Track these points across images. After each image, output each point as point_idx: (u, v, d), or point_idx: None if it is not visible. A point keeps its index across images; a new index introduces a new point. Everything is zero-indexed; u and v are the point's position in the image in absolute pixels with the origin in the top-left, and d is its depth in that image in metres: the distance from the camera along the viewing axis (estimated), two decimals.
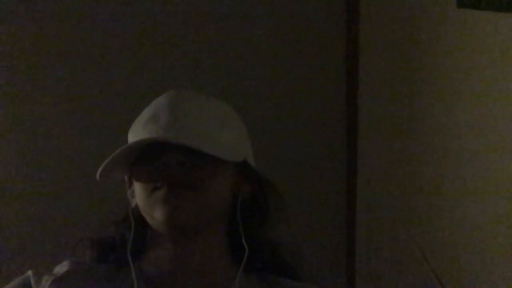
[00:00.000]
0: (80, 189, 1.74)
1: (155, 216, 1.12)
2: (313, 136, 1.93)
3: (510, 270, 1.35)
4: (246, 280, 1.18)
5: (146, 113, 1.19)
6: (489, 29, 1.42)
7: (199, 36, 1.87)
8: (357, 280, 1.91)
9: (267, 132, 1.88)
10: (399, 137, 1.78)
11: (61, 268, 1.19)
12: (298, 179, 1.90)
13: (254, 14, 1.91)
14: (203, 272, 1.15)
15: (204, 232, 1.15)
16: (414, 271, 1.67)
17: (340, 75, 1.95)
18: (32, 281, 1.16)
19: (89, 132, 1.78)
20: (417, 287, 1.67)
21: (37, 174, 1.76)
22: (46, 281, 1.15)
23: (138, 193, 1.16)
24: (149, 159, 1.13)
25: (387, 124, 1.83)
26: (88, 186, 1.72)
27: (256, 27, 1.91)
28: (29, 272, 1.18)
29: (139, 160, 1.15)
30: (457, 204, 1.53)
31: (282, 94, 1.92)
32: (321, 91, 1.94)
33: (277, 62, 1.92)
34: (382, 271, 1.84)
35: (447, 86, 1.58)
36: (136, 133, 1.18)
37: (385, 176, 1.84)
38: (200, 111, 1.16)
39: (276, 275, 1.21)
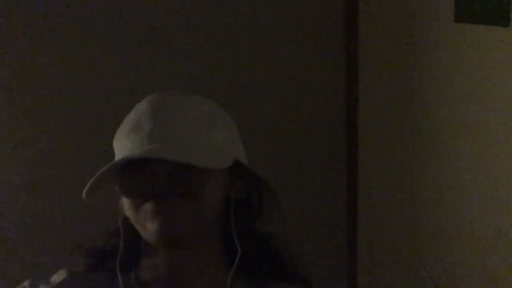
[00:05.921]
0: (80, 190, 1.75)
1: (148, 228, 1.10)
2: (313, 139, 1.93)
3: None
4: (237, 283, 1.16)
5: (129, 121, 1.16)
6: (486, 41, 1.42)
7: (199, 36, 1.87)
8: (358, 281, 1.91)
9: (268, 133, 1.88)
10: (399, 139, 1.78)
11: (58, 277, 1.18)
12: (299, 181, 1.90)
13: (254, 15, 1.91)
14: (198, 277, 1.14)
15: (198, 238, 1.13)
16: (413, 276, 1.67)
17: (340, 79, 1.95)
18: None
19: (90, 132, 1.78)
20: None
21: (37, 173, 1.76)
22: None
23: (127, 206, 1.13)
24: (136, 171, 1.11)
25: (388, 126, 1.83)
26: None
27: (256, 28, 1.91)
28: (26, 282, 1.18)
29: (125, 172, 1.12)
30: (458, 211, 1.53)
31: (281, 95, 1.92)
32: (321, 93, 1.95)
33: (277, 63, 1.92)
34: (382, 274, 1.84)
35: (448, 91, 1.58)
36: (121, 143, 1.15)
37: (386, 178, 1.84)
38: (184, 116, 1.12)
39: (271, 278, 1.19)
